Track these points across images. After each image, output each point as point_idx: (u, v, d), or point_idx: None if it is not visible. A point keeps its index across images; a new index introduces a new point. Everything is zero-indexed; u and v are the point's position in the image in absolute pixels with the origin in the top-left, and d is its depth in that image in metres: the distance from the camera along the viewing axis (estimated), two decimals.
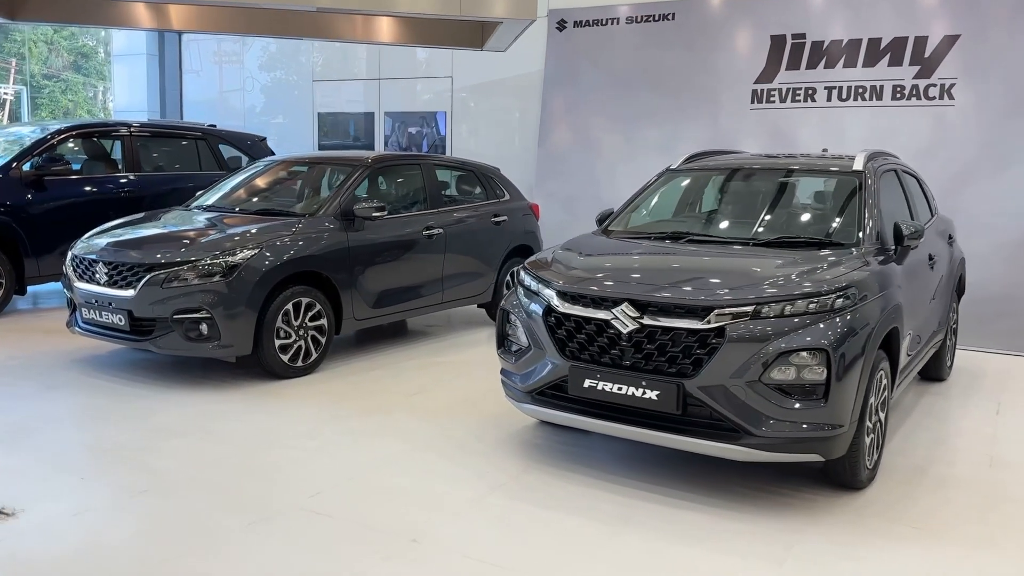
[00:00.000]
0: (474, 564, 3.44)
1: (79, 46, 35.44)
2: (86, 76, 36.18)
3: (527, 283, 4.61)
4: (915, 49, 8.05)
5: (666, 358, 3.96)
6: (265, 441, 4.82)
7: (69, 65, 35.82)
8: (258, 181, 7.45)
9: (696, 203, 5.60)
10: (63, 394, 5.62)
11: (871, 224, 4.71)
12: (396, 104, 11.29)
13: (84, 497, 3.99)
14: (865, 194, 4.90)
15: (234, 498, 4.02)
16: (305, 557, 3.47)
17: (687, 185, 5.68)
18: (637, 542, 3.67)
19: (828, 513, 3.98)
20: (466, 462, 4.58)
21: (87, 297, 6.01)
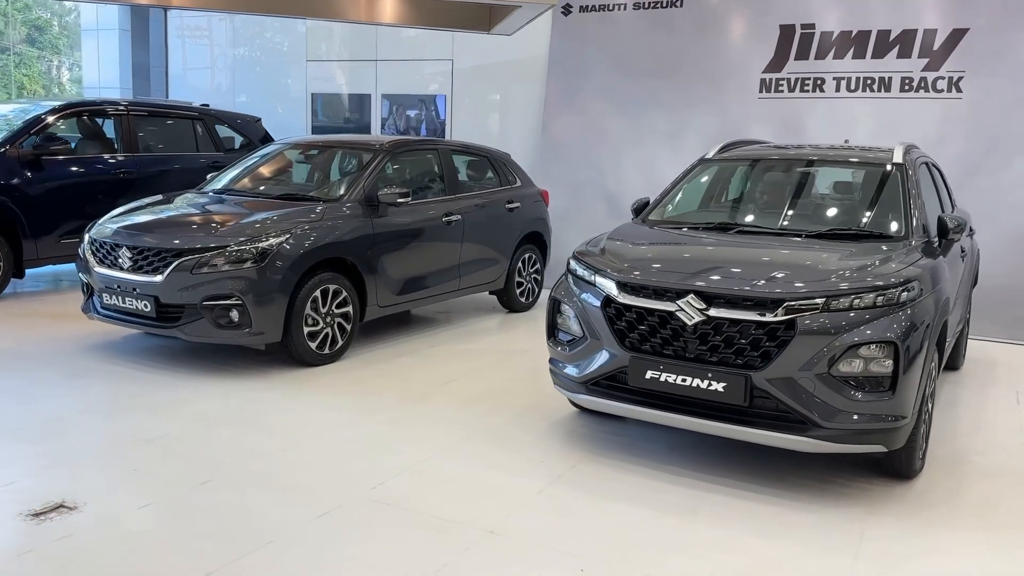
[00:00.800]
0: (557, 555, 3.43)
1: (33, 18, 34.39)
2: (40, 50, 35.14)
3: (580, 272, 4.60)
4: (924, 42, 8.15)
5: (733, 350, 3.98)
6: (311, 431, 4.76)
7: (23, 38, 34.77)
8: (272, 165, 7.32)
9: (736, 193, 5.62)
10: (89, 382, 5.49)
11: (917, 217, 4.77)
12: (394, 86, 11.15)
13: (144, 489, 3.90)
14: (909, 186, 4.96)
15: (297, 490, 3.96)
16: (385, 549, 3.43)
17: (723, 175, 5.70)
18: (709, 533, 3.69)
19: (887, 503, 4.05)
20: (517, 452, 4.57)
21: (108, 282, 5.86)
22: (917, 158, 5.33)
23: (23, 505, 3.67)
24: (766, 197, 5.42)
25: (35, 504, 3.69)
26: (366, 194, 6.44)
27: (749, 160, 5.68)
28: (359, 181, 6.52)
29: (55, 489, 3.85)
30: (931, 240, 4.73)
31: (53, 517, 3.58)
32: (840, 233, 4.72)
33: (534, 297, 8.47)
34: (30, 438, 4.50)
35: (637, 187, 9.34)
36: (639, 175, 9.36)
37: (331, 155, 7.31)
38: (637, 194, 9.30)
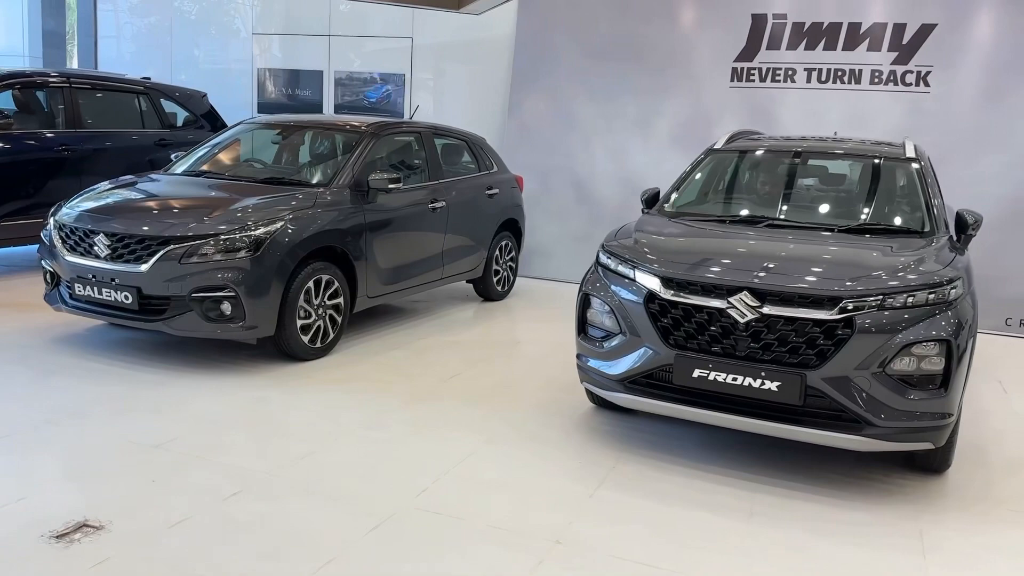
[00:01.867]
0: (631, 566, 3.31)
1: None
2: None
3: (614, 267, 4.46)
4: (893, 35, 8.29)
5: (787, 349, 3.92)
6: (329, 432, 4.49)
7: None
8: (246, 146, 6.90)
9: (751, 185, 5.55)
10: (68, 381, 5.05)
11: (938, 212, 4.81)
12: (348, 63, 10.72)
13: (170, 502, 3.58)
14: (928, 181, 5.00)
15: (338, 499, 3.71)
16: (454, 566, 3.23)
17: (734, 166, 5.63)
18: (775, 535, 3.63)
19: (932, 499, 4.07)
20: (549, 453, 4.42)
21: (81, 272, 5.40)
22: (924, 153, 5.38)
23: (42, 526, 3.31)
24: (784, 190, 5.37)
25: (55, 524, 3.33)
26: (355, 179, 6.13)
27: (760, 152, 5.62)
28: (348, 165, 6.19)
29: (70, 505, 3.49)
30: (951, 236, 4.78)
31: (80, 539, 3.24)
32: (869, 228, 4.71)
33: (509, 286, 8.30)
34: (24, 447, 4.09)
35: (608, 174, 9.28)
36: (610, 162, 9.26)
37: (311, 136, 6.94)
38: (608, 181, 9.26)
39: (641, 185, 9.04)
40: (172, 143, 9.28)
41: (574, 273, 9.14)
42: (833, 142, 5.64)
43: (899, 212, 4.96)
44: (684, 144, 8.97)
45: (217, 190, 5.90)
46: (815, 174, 5.43)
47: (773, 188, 5.43)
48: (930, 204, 4.86)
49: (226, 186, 5.99)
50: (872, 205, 5.13)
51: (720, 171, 5.60)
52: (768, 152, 5.58)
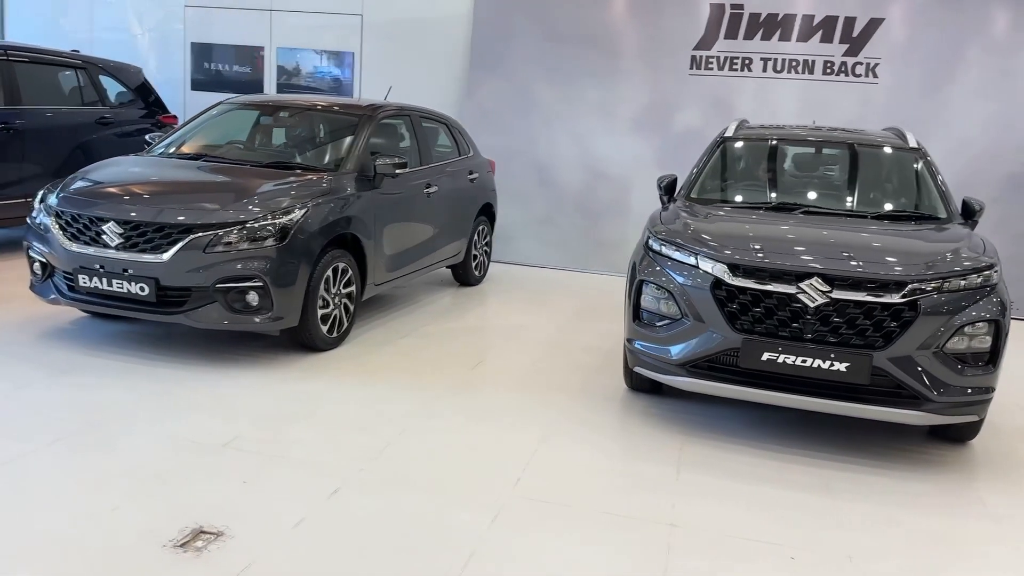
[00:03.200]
0: (755, 545, 3.43)
1: None
2: None
3: (673, 254, 4.56)
4: (844, 28, 8.73)
5: (855, 331, 4.13)
6: (391, 424, 4.41)
7: None
8: (232, 127, 6.60)
9: (769, 173, 5.73)
10: (89, 380, 4.74)
11: (951, 200, 5.16)
12: (292, 39, 10.31)
13: (277, 503, 3.45)
14: (935, 170, 5.34)
15: (441, 491, 3.67)
16: (592, 551, 3.27)
17: (748, 154, 5.81)
18: (864, 509, 3.83)
19: (971, 467, 4.40)
20: (614, 437, 4.50)
21: (86, 262, 5.05)
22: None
23: (156, 535, 3.14)
24: (805, 178, 5.61)
25: (168, 532, 3.16)
26: (360, 163, 5.98)
27: (773, 141, 5.81)
28: (353, 149, 6.03)
29: (171, 512, 3.32)
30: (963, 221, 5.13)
31: (205, 547, 3.09)
32: (897, 215, 5.00)
33: (484, 270, 8.29)
34: (81, 452, 3.83)
35: (569, 157, 9.38)
36: (571, 145, 9.36)
37: (305, 119, 6.67)
38: (569, 164, 9.37)
39: (603, 169, 9.26)
40: (113, 121, 8.77)
41: (537, 256, 9.27)
42: (842, 132, 5.92)
43: (918, 200, 5.27)
44: (645, 129, 9.19)
45: (225, 175, 5.62)
46: (830, 162, 5.69)
47: (793, 176, 5.66)
48: (944, 192, 5.21)
49: (232, 171, 5.71)
50: (892, 193, 5.42)
51: (735, 159, 5.78)
52: (781, 141, 5.79)
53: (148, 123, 9.25)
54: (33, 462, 3.69)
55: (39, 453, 3.77)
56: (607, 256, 9.30)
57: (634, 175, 9.21)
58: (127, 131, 8.94)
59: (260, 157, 6.11)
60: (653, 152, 9.17)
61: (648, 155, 9.18)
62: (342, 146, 6.17)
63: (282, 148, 6.43)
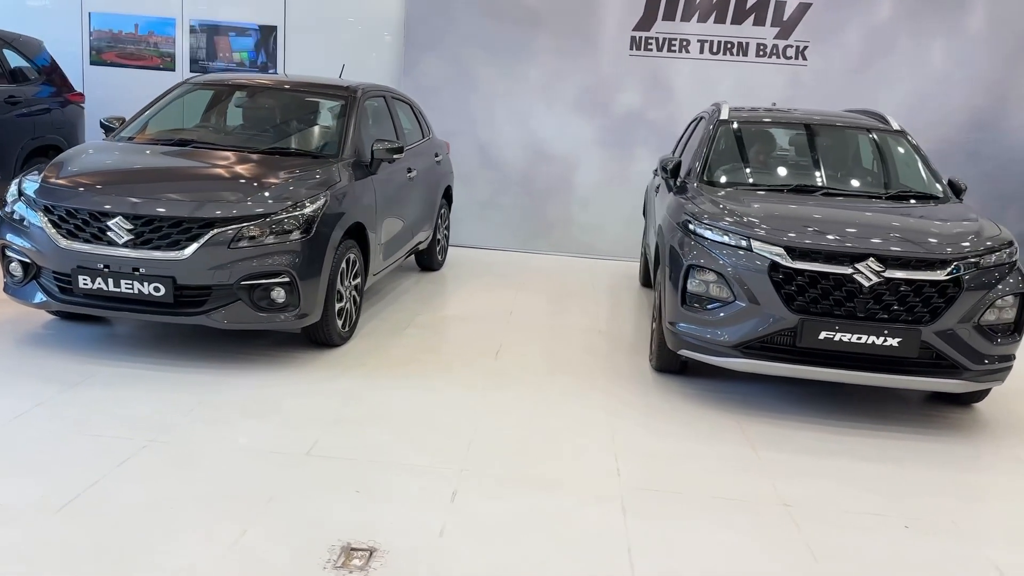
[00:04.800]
0: (868, 518, 3.59)
1: None
2: None
3: (722, 239, 4.66)
4: (775, 12, 9.09)
5: (905, 307, 4.38)
6: (463, 421, 4.29)
7: None
8: (210, 110, 6.14)
9: (770, 155, 5.92)
10: (109, 391, 4.35)
11: (941, 179, 5.54)
12: (207, 10, 9.62)
13: (408, 513, 3.30)
14: (923, 152, 5.70)
15: (558, 487, 3.63)
16: (729, 537, 3.34)
17: (749, 137, 5.98)
18: (939, 477, 4.08)
19: (989, 427, 4.78)
20: (674, 419, 4.57)
21: (87, 262, 4.59)
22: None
23: (309, 558, 2.94)
24: (811, 159, 5.83)
25: (318, 552, 2.97)
26: (356, 148, 5.72)
27: (771, 124, 6.00)
28: (347, 133, 5.75)
29: (306, 531, 3.11)
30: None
31: (367, 564, 2.92)
32: (908, 194, 5.33)
33: (445, 255, 8.14)
34: (163, 469, 3.51)
35: (512, 138, 9.32)
36: (514, 126, 9.30)
37: (288, 100, 6.26)
38: (512, 145, 9.34)
39: (546, 149, 9.28)
40: (21, 100, 7.95)
41: (482, 238, 9.20)
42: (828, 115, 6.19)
43: (918, 180, 5.60)
44: (587, 109, 9.26)
45: (225, 163, 5.23)
46: (828, 144, 5.94)
47: (798, 158, 5.88)
48: (935, 172, 5.57)
49: (231, 158, 5.31)
50: (891, 174, 5.74)
51: (737, 142, 5.93)
52: (778, 124, 6.00)
53: (56, 103, 8.45)
54: (113, 491, 3.34)
55: (114, 480, 3.42)
56: (552, 236, 9.35)
57: (578, 155, 9.28)
58: (34, 111, 8.14)
59: (253, 143, 5.71)
60: (596, 132, 9.26)
61: (591, 135, 9.26)
62: (333, 130, 5.88)
63: (272, 132, 6.02)
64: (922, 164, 5.65)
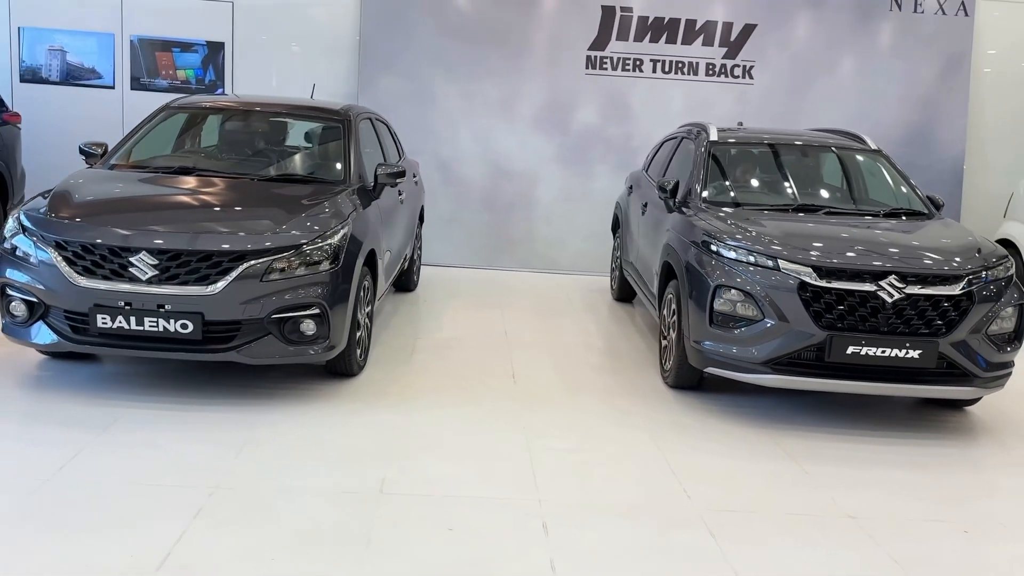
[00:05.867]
0: (924, 524, 3.80)
1: None
2: None
3: (746, 259, 4.82)
4: (723, 33, 9.43)
5: (923, 321, 4.65)
6: (517, 449, 4.29)
7: None
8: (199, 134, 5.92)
9: (766, 175, 6.13)
10: (144, 434, 4.15)
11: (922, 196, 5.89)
12: (149, 26, 9.21)
13: (511, 550, 3.29)
14: (901, 169, 6.04)
15: (638, 514, 3.68)
16: (821, 556, 3.47)
17: (741, 158, 6.18)
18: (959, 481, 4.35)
19: (993, 427, 5.10)
20: (703, 436, 4.67)
21: (106, 299, 4.35)
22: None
23: None
24: (802, 179, 6.07)
25: None
26: (359, 172, 5.64)
27: (761, 144, 6.22)
28: (349, 157, 5.66)
29: (408, 570, 3.05)
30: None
31: None
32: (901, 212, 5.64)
33: (419, 275, 8.07)
34: (241, 520, 3.37)
35: (472, 156, 9.35)
36: (474, 143, 9.31)
37: (282, 124, 6.10)
38: (473, 162, 9.39)
39: (507, 166, 9.35)
40: None
41: (445, 256, 9.17)
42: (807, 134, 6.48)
43: (906, 197, 5.89)
44: (546, 127, 9.38)
45: (238, 192, 5.07)
46: (816, 164, 6.21)
47: (793, 178, 6.09)
48: (915, 189, 5.92)
49: (242, 186, 5.15)
50: (879, 191, 6.02)
51: (730, 163, 6.12)
52: (767, 145, 6.22)
53: None
54: (204, 546, 3.19)
55: (198, 533, 3.27)
56: (516, 252, 9.40)
57: (538, 171, 9.38)
58: None
59: (257, 169, 5.54)
60: (555, 149, 9.37)
61: (550, 152, 9.37)
62: (334, 154, 5.77)
63: (273, 158, 5.84)
64: (906, 182, 5.99)
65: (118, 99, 9.33)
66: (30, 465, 3.72)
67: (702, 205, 5.61)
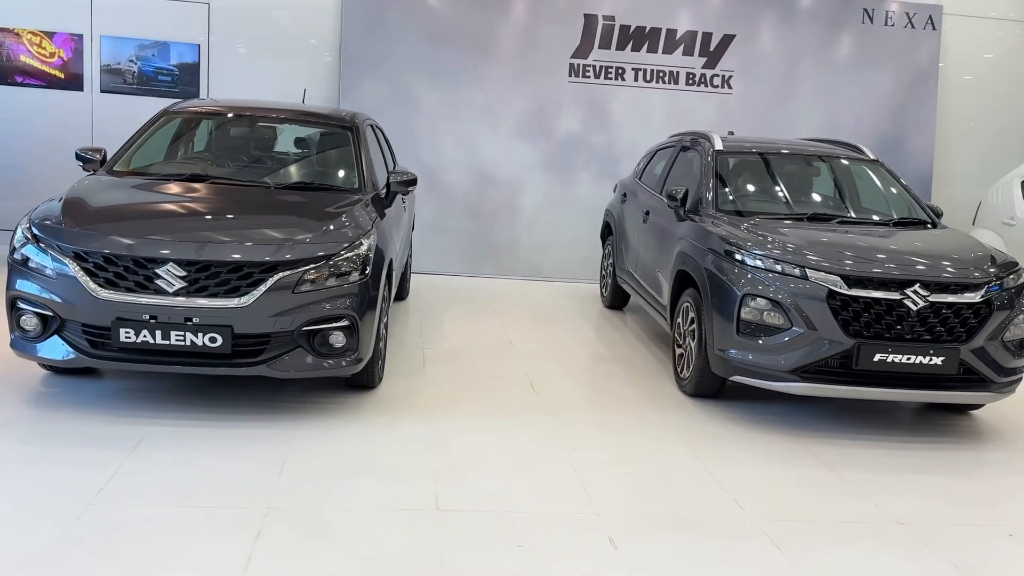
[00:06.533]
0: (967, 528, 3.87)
1: None
2: None
3: (773, 268, 4.86)
4: (703, 43, 9.54)
5: (946, 329, 4.75)
6: (563, 464, 4.24)
7: None
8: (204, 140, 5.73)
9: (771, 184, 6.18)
10: (178, 453, 3.97)
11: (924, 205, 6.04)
12: (120, 26, 8.88)
13: (586, 566, 3.24)
14: (901, 180, 6.19)
15: (714, 528, 3.66)
16: (888, 559, 3.51)
17: (748, 168, 6.24)
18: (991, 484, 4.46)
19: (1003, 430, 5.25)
20: (737, 446, 4.67)
21: (129, 312, 4.17)
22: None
23: None
24: (814, 188, 6.16)
25: None
26: (371, 180, 5.54)
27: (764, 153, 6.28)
28: (361, 164, 5.56)
29: None
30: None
31: None
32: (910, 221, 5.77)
33: (410, 283, 7.95)
34: (306, 540, 3.25)
35: (456, 162, 9.28)
36: (458, 150, 9.23)
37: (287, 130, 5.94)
38: (457, 169, 9.32)
39: (491, 173, 9.30)
40: None
41: (428, 263, 9.06)
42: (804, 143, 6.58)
43: (911, 206, 6.02)
44: (530, 134, 9.36)
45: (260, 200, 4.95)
46: (819, 174, 6.31)
47: (804, 188, 6.18)
48: (916, 197, 6.06)
49: (260, 194, 5.02)
50: (883, 200, 6.15)
51: (737, 172, 6.18)
52: (772, 154, 6.28)
53: None
54: (273, 571, 3.06)
55: (265, 559, 3.13)
56: (500, 260, 9.35)
57: (522, 178, 9.35)
58: None
59: (272, 177, 5.39)
60: (539, 156, 9.36)
61: (534, 159, 9.35)
62: (347, 162, 5.64)
63: (286, 165, 5.69)
64: (907, 191, 6.12)
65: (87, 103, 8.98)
66: (67, 489, 3.53)
67: (715, 213, 5.64)
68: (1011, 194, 8.44)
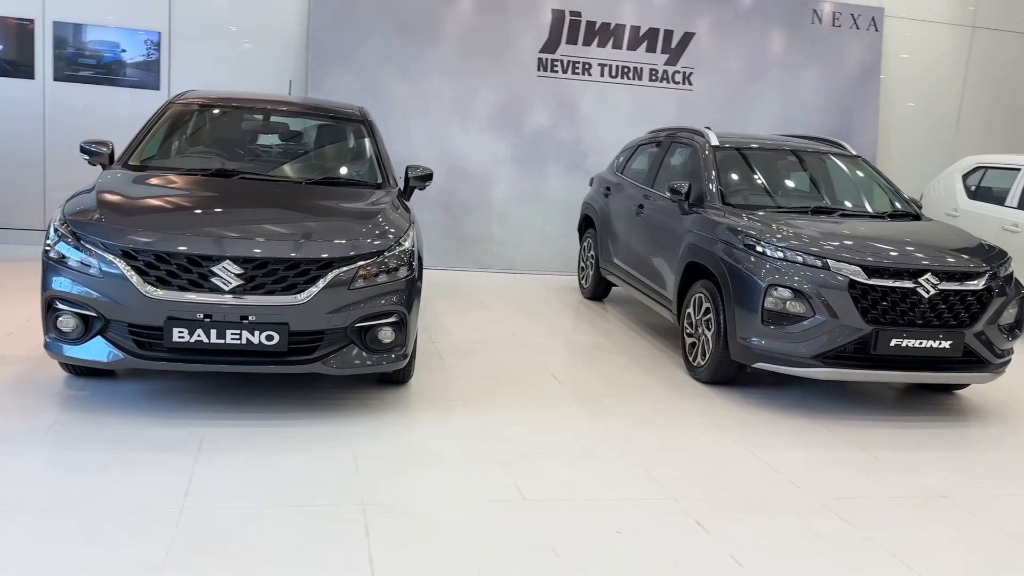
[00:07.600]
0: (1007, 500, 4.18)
1: None
2: None
3: (793, 259, 5.10)
4: (664, 40, 9.78)
5: (952, 314, 5.09)
6: (621, 454, 4.36)
7: None
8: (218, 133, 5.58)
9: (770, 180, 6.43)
10: (240, 455, 3.91)
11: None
12: (74, 11, 8.45)
13: (688, 548, 3.37)
14: (883, 174, 6.55)
15: (783, 510, 3.84)
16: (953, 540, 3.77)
17: (745, 162, 6.48)
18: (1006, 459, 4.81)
19: (992, 407, 5.65)
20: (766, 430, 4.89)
21: (182, 312, 4.06)
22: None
23: None
24: (811, 183, 6.44)
25: None
26: (391, 175, 5.53)
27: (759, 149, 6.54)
28: (382, 159, 5.54)
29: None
30: None
31: None
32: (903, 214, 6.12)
33: None
34: (401, 542, 3.27)
35: (428, 156, 9.22)
36: (429, 144, 9.21)
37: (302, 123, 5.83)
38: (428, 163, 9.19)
39: (463, 167, 9.33)
40: None
41: None
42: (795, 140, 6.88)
43: (898, 200, 6.38)
44: (500, 128, 9.42)
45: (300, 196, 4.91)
46: (821, 169, 6.60)
47: (799, 182, 6.46)
48: (899, 191, 6.43)
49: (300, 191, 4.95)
50: (871, 194, 6.49)
51: (735, 167, 6.41)
52: (767, 149, 6.55)
53: None
54: (398, 569, 3.08)
55: (380, 557, 3.14)
56: (472, 252, 9.39)
57: (494, 171, 9.41)
58: None
59: (298, 172, 5.30)
60: (509, 149, 9.43)
61: (505, 152, 9.42)
62: (366, 155, 5.60)
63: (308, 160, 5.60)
64: (890, 184, 6.49)
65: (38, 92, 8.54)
66: (149, 496, 3.43)
67: (721, 207, 5.85)
68: (953, 187, 9.02)
